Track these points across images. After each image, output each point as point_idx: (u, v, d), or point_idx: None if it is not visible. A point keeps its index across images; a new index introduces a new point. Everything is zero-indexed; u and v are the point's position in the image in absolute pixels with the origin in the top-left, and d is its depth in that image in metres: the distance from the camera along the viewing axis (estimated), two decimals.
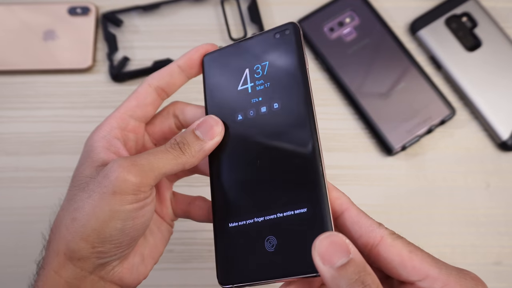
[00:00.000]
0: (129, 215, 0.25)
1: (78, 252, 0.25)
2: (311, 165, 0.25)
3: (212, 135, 0.27)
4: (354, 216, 0.24)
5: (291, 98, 0.26)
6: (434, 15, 0.50)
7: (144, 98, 0.29)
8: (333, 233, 0.21)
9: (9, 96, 0.49)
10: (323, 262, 0.21)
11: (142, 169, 0.25)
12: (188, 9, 0.51)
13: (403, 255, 0.23)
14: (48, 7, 0.50)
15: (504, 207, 0.45)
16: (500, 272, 0.44)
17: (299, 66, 0.27)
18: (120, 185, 0.24)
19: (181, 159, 0.26)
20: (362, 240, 0.24)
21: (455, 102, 0.48)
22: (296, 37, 0.27)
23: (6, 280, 0.43)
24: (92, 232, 0.25)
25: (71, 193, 0.27)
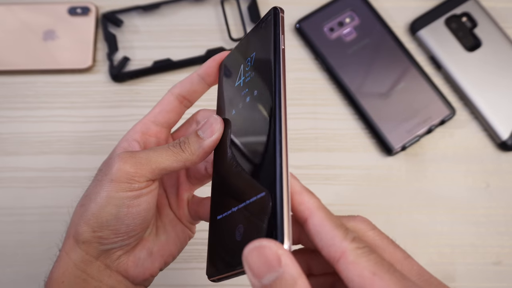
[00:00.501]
0: (122, 202, 0.27)
1: (82, 235, 0.27)
2: (270, 151, 0.23)
3: (211, 133, 0.28)
4: (317, 224, 0.21)
5: (264, 84, 0.26)
6: (434, 15, 0.50)
7: (166, 105, 0.31)
8: (263, 243, 0.19)
9: (9, 96, 0.49)
10: (252, 275, 0.19)
11: (139, 161, 0.27)
12: (188, 9, 0.51)
13: (364, 276, 0.19)
14: (48, 7, 0.50)
15: (504, 207, 0.45)
16: (500, 272, 0.44)
17: (272, 50, 0.25)
18: (117, 173, 0.27)
19: (181, 156, 0.28)
20: (324, 253, 0.20)
21: (455, 102, 0.48)
22: (275, 20, 0.26)
23: (6, 280, 0.43)
24: (92, 216, 0.27)
25: (89, 185, 0.30)
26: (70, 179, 0.46)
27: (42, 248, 0.44)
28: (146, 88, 0.49)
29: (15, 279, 0.43)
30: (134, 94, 0.49)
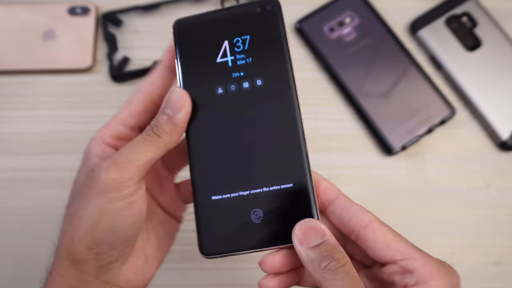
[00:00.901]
0: (117, 214, 0.25)
1: (77, 255, 0.26)
2: (294, 142, 0.26)
3: (179, 108, 0.26)
4: (344, 202, 0.26)
5: (274, 75, 0.27)
6: (434, 15, 0.50)
7: (136, 106, 0.29)
8: (311, 220, 0.25)
9: (8, 96, 0.49)
10: (300, 242, 0.24)
11: (122, 165, 0.25)
12: (188, 9, 0.51)
13: (389, 238, 0.25)
14: (48, 7, 0.50)
15: (504, 207, 0.45)
16: (500, 272, 0.44)
17: (282, 43, 0.27)
18: (104, 184, 0.25)
19: (159, 142, 0.26)
20: (351, 223, 0.25)
21: (455, 102, 0.48)
22: (279, 13, 0.27)
23: (5, 280, 0.43)
24: (85, 234, 0.25)
25: (69, 201, 0.28)
26: (70, 179, 0.46)
27: (42, 248, 0.44)
28: None
29: (15, 279, 0.43)
30: None
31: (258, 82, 0.27)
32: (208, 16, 0.28)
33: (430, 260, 0.25)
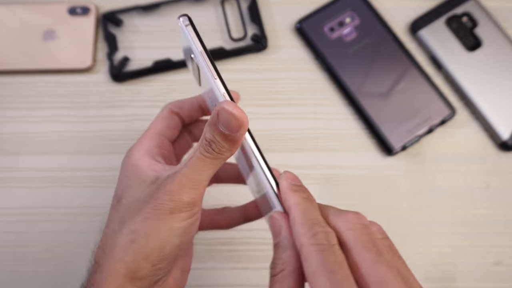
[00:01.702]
0: (185, 230, 0.27)
1: (140, 272, 0.26)
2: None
3: (238, 127, 0.24)
4: (291, 219, 0.24)
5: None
6: (435, 15, 0.50)
7: (170, 121, 0.32)
8: (274, 214, 0.25)
9: (9, 96, 0.49)
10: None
11: (192, 186, 0.26)
12: (188, 9, 0.51)
13: (308, 272, 0.22)
14: (48, 7, 0.50)
15: (504, 207, 0.45)
16: (500, 272, 0.43)
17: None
18: (176, 206, 0.26)
19: (220, 159, 0.26)
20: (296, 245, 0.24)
21: (455, 102, 0.48)
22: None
23: (5, 280, 0.43)
24: (152, 252, 0.26)
25: (124, 215, 0.27)
26: (70, 179, 0.46)
27: (42, 248, 0.44)
28: (146, 88, 0.49)
29: (15, 279, 0.43)
30: (134, 94, 0.49)
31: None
32: None
33: None
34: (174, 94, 0.48)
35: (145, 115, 0.48)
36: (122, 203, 0.28)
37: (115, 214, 0.28)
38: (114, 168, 0.46)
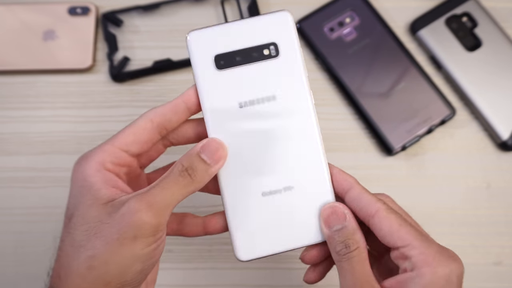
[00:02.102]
0: (149, 256, 0.25)
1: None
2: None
3: (218, 159, 0.27)
4: (357, 193, 0.28)
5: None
6: (434, 15, 0.50)
7: (141, 135, 0.28)
8: (336, 204, 0.28)
9: (9, 96, 0.49)
10: (325, 225, 0.28)
11: (159, 208, 0.25)
12: (188, 9, 0.51)
13: (393, 226, 0.27)
14: (48, 7, 0.50)
15: (504, 207, 0.45)
16: (500, 272, 0.44)
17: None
18: (140, 229, 0.24)
19: (192, 186, 0.26)
20: (362, 212, 0.28)
21: (455, 102, 0.48)
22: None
23: (5, 280, 0.43)
24: (113, 278, 0.24)
25: (78, 237, 0.25)
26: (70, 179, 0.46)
27: (42, 248, 0.44)
28: (146, 88, 0.49)
29: (15, 279, 0.43)
30: (134, 94, 0.49)
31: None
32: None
33: (429, 247, 0.26)
34: (174, 94, 0.48)
35: None
36: (73, 222, 0.26)
37: (68, 235, 0.26)
38: None
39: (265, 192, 0.29)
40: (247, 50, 0.29)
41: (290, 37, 0.29)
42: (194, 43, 0.29)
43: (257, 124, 0.29)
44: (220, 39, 0.29)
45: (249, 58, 0.29)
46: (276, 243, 0.29)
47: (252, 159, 0.29)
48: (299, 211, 0.29)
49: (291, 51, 0.29)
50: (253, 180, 0.29)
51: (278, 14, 0.29)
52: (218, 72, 0.28)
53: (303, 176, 0.29)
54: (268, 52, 0.29)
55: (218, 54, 0.28)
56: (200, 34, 0.29)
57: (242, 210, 0.29)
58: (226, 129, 0.28)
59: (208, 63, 0.28)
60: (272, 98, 0.29)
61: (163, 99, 0.48)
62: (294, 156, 0.29)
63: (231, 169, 0.29)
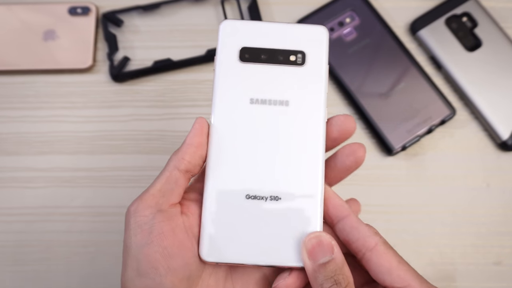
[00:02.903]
0: None
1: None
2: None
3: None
4: (353, 222, 0.26)
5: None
6: (434, 15, 0.50)
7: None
8: (322, 234, 0.26)
9: (9, 96, 0.49)
10: (308, 257, 0.25)
11: None
12: (188, 9, 0.51)
13: (393, 263, 0.25)
14: (48, 7, 0.50)
15: (504, 207, 0.45)
16: (500, 272, 0.43)
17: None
18: None
19: None
20: (358, 243, 0.26)
21: (455, 102, 0.48)
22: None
23: (6, 280, 0.43)
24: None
25: None
26: (70, 179, 0.46)
27: (42, 248, 0.44)
28: (146, 88, 0.49)
29: (15, 279, 0.43)
30: (134, 94, 0.49)
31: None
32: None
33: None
34: (174, 94, 0.49)
35: (145, 115, 0.48)
36: None
37: None
38: (114, 168, 0.46)
39: (249, 195, 0.27)
40: (274, 51, 0.28)
41: (321, 51, 0.29)
42: (224, 31, 0.29)
43: (262, 123, 0.28)
44: (251, 33, 0.29)
45: (274, 59, 0.28)
46: (248, 253, 0.26)
47: (246, 156, 0.27)
48: (280, 227, 0.27)
49: (318, 64, 0.29)
50: (240, 178, 0.27)
51: (315, 27, 0.29)
52: (240, 64, 0.28)
53: (294, 190, 0.27)
54: (295, 58, 0.28)
55: (245, 47, 0.28)
56: (233, 24, 0.29)
57: (220, 205, 0.27)
58: (229, 118, 0.28)
59: (233, 52, 0.28)
60: (285, 103, 0.28)
61: (163, 99, 0.48)
62: (290, 167, 0.27)
63: (221, 160, 0.27)
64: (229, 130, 0.28)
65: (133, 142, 0.47)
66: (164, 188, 0.26)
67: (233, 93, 0.28)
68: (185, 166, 0.27)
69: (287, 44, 0.29)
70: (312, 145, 0.28)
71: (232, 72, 0.28)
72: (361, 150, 0.28)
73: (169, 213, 0.26)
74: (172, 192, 0.26)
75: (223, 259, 0.26)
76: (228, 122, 0.28)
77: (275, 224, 0.27)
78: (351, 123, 0.28)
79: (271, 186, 0.27)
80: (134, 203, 0.26)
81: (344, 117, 0.28)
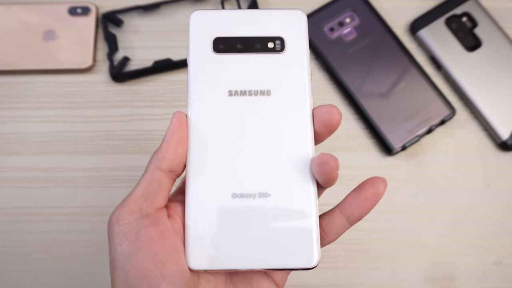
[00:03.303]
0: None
1: None
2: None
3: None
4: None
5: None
6: (434, 15, 0.50)
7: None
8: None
9: (9, 96, 0.49)
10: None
11: None
12: (188, 9, 0.51)
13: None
14: (48, 7, 0.50)
15: (504, 207, 0.45)
16: (500, 272, 0.44)
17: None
18: None
19: None
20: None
21: (455, 102, 0.48)
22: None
23: (6, 280, 0.43)
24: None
25: None
26: (70, 179, 0.46)
27: (42, 248, 0.44)
28: (146, 88, 0.49)
29: (15, 279, 0.43)
30: (134, 94, 0.49)
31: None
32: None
33: None
34: (174, 94, 0.49)
35: (145, 115, 0.48)
36: None
37: None
38: (114, 168, 0.46)
39: (235, 194, 0.25)
40: (250, 39, 0.27)
41: (300, 35, 0.27)
42: (195, 22, 0.27)
43: (243, 116, 0.26)
44: (224, 23, 0.27)
45: (251, 47, 0.27)
46: (240, 257, 0.24)
47: (229, 152, 0.25)
48: (272, 225, 0.25)
49: (299, 49, 0.27)
50: (225, 176, 0.25)
51: (292, 11, 0.28)
52: (214, 55, 0.26)
53: (284, 185, 0.25)
54: (273, 45, 0.27)
55: (218, 37, 0.27)
56: (204, 14, 0.27)
57: (205, 206, 0.25)
58: (207, 113, 0.26)
59: (206, 44, 0.27)
60: (266, 92, 0.26)
61: (163, 99, 0.48)
62: (278, 160, 0.25)
63: (202, 158, 0.25)
64: (208, 126, 0.26)
65: (133, 142, 0.47)
66: (147, 192, 0.24)
67: (209, 86, 0.26)
68: (167, 166, 0.25)
69: (264, 31, 0.27)
70: (300, 135, 0.25)
71: (207, 65, 0.26)
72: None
73: (155, 217, 0.24)
74: (156, 195, 0.24)
75: (212, 266, 0.24)
76: (207, 117, 0.26)
77: (266, 223, 0.24)
78: (334, 114, 0.25)
79: (259, 182, 0.25)
80: (116, 212, 0.24)
81: (327, 107, 0.25)
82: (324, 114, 0.25)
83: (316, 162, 0.24)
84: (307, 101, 0.26)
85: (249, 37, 0.27)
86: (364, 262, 0.44)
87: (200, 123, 0.26)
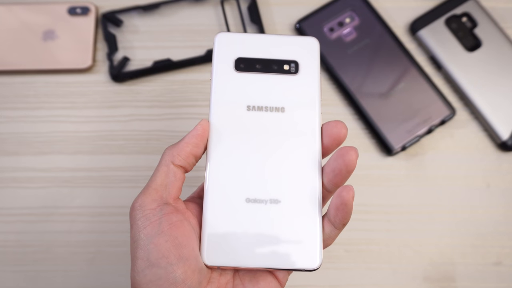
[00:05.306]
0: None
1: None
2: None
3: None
4: None
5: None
6: (434, 15, 0.50)
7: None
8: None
9: (8, 96, 0.49)
10: None
11: None
12: (188, 9, 0.51)
13: None
14: (48, 7, 0.50)
15: (504, 207, 0.45)
16: (500, 272, 0.44)
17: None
18: None
19: None
20: None
21: (455, 102, 0.48)
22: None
23: (6, 280, 0.43)
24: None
25: None
26: (70, 179, 0.46)
27: (42, 248, 0.44)
28: (146, 88, 0.49)
29: (15, 279, 0.43)
30: (134, 94, 0.49)
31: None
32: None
33: None
34: (174, 94, 0.49)
35: (145, 115, 0.48)
36: None
37: None
38: (114, 168, 0.46)
39: (249, 199, 0.28)
40: (268, 61, 0.30)
41: (313, 60, 0.30)
42: (220, 43, 0.30)
43: (259, 129, 0.29)
44: (246, 45, 0.30)
45: (269, 68, 0.30)
46: (249, 256, 0.27)
47: (245, 160, 0.28)
48: (280, 229, 0.27)
49: (311, 71, 0.30)
50: (240, 182, 0.28)
51: (306, 38, 0.31)
52: (235, 73, 0.30)
53: (293, 193, 0.28)
54: (288, 67, 0.30)
55: (240, 57, 0.30)
56: (228, 36, 0.30)
57: (221, 208, 0.28)
58: (227, 124, 0.29)
59: (229, 63, 0.30)
60: (280, 109, 0.29)
61: (163, 99, 0.48)
62: (288, 170, 0.28)
63: (222, 165, 0.28)
64: (227, 135, 0.29)
65: (133, 142, 0.47)
66: (165, 182, 0.27)
67: (230, 100, 0.29)
68: (180, 162, 0.28)
69: (281, 55, 0.30)
70: (309, 148, 0.28)
71: (228, 81, 0.30)
72: (352, 153, 0.27)
73: (175, 206, 0.27)
74: (173, 185, 0.27)
75: (224, 263, 0.27)
76: (227, 127, 0.29)
77: (275, 227, 0.27)
78: (341, 128, 0.28)
79: (270, 189, 0.28)
80: (139, 199, 0.27)
81: (335, 122, 0.28)
82: (332, 128, 0.28)
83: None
84: (316, 118, 0.29)
85: (267, 59, 0.30)
86: (364, 262, 0.44)
87: (220, 132, 0.29)
